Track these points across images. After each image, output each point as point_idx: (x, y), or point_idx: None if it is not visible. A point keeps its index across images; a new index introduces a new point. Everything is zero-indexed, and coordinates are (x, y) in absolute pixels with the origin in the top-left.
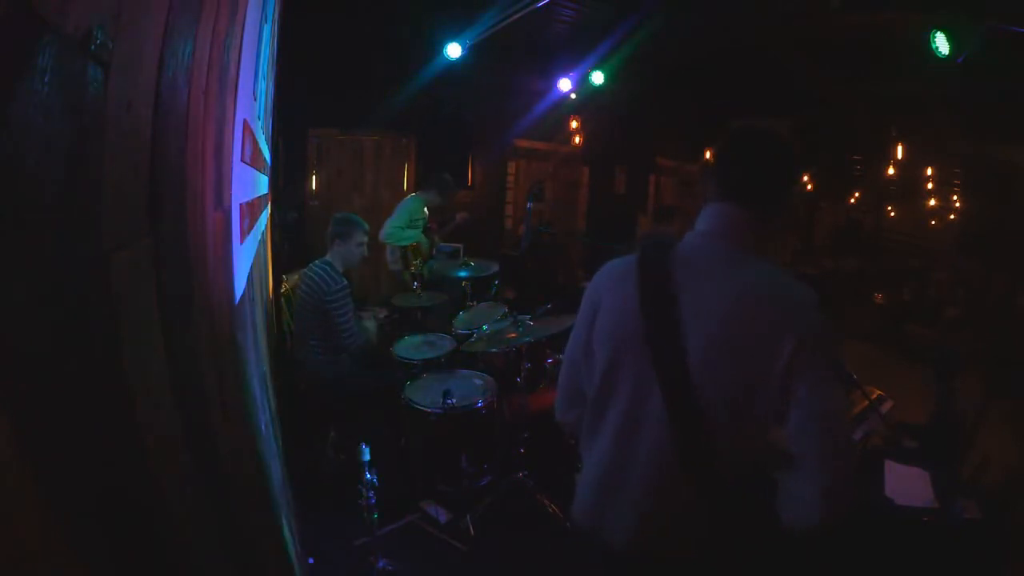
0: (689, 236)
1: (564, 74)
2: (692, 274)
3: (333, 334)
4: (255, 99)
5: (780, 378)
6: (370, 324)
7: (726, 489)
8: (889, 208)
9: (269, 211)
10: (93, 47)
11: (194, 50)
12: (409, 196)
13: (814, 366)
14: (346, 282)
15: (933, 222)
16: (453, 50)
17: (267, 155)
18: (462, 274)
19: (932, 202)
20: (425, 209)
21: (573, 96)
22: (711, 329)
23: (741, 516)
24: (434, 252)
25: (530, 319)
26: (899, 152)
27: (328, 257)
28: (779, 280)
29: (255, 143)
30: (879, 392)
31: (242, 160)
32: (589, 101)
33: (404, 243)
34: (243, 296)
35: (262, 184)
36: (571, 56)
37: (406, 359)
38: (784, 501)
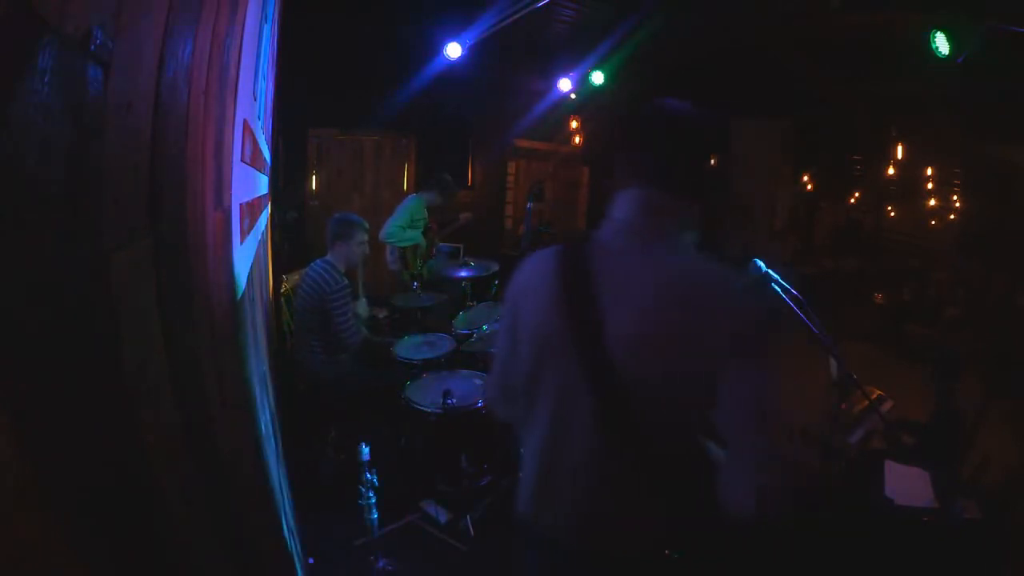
0: (606, 224)
1: (564, 74)
2: (612, 266)
3: (333, 333)
4: (255, 99)
5: (712, 372)
6: (361, 308)
7: (663, 485)
8: (889, 208)
9: (269, 211)
10: (93, 47)
11: (194, 50)
12: (410, 196)
13: (747, 359)
14: (347, 282)
15: (933, 222)
16: (453, 50)
17: (267, 155)
18: (462, 274)
19: (932, 202)
20: (426, 209)
21: (573, 96)
22: (635, 323)
23: (683, 512)
24: (434, 252)
25: None
26: (899, 152)
27: (329, 257)
28: (708, 268)
29: (255, 143)
30: (879, 392)
31: (242, 160)
32: (589, 101)
33: (404, 244)
34: (243, 296)
35: (262, 184)
36: (571, 56)
37: (406, 359)
38: (720, 487)
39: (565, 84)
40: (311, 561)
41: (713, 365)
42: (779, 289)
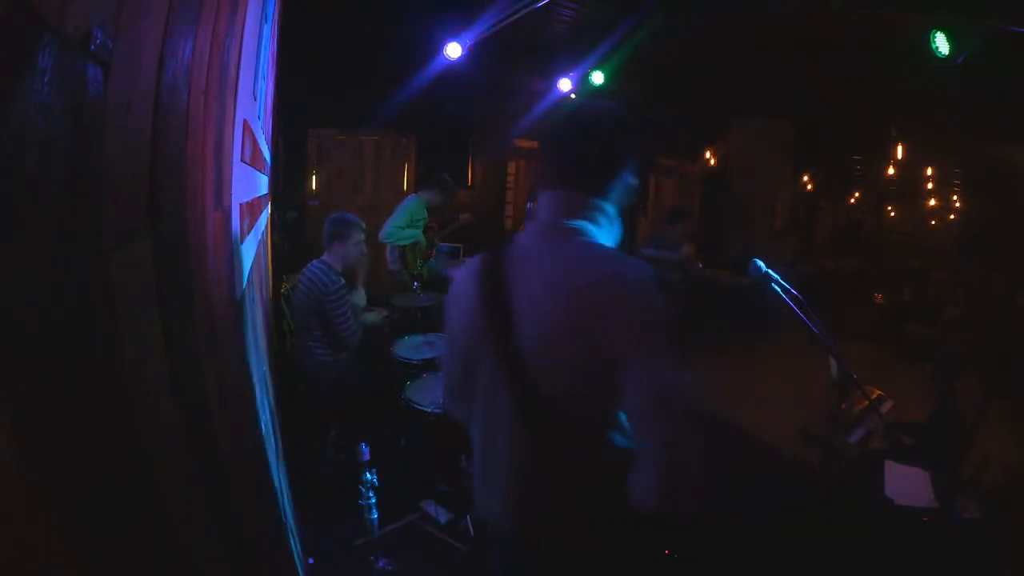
0: (528, 226)
1: (564, 74)
2: (524, 266)
3: (333, 333)
4: (255, 99)
5: (616, 362)
6: (359, 299)
7: (585, 482)
8: (889, 208)
9: (269, 211)
10: (93, 47)
11: (194, 50)
12: (409, 196)
13: (650, 347)
14: (344, 282)
15: (933, 222)
16: (453, 50)
17: (267, 155)
18: None
19: (932, 202)
20: (426, 209)
21: (573, 96)
22: (541, 319)
23: (610, 510)
24: (434, 252)
25: None
26: (899, 152)
27: (325, 257)
28: (611, 261)
29: (255, 143)
30: (879, 392)
31: (242, 160)
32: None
33: (403, 242)
34: (243, 295)
35: (262, 184)
36: (571, 56)
37: (406, 359)
38: (630, 479)
39: (565, 84)
40: (311, 561)
41: (615, 355)
42: (779, 289)
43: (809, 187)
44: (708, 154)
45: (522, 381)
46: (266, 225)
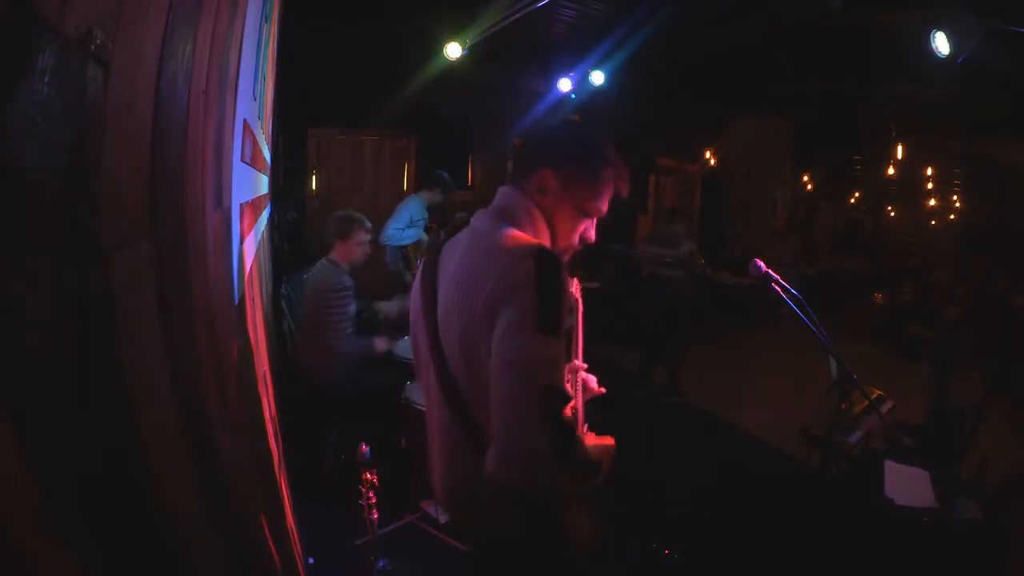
0: (472, 219)
1: (564, 74)
2: (452, 251)
3: (323, 333)
4: (255, 99)
5: (483, 331)
6: (382, 305)
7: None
8: (889, 208)
9: (269, 211)
10: (93, 47)
11: (194, 50)
12: (409, 197)
13: (506, 313)
14: (350, 282)
15: (933, 222)
16: (453, 50)
17: (267, 155)
18: None
19: (932, 202)
20: (425, 209)
21: (573, 96)
22: (444, 297)
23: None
24: None
25: None
26: (899, 152)
27: (332, 255)
28: (503, 238)
29: (255, 143)
30: (879, 392)
31: (242, 160)
32: (589, 101)
33: (404, 243)
34: (243, 296)
35: (262, 184)
36: (571, 56)
37: (406, 359)
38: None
39: (565, 84)
40: (311, 561)
41: (487, 320)
42: (779, 289)
43: (809, 187)
44: (708, 154)
45: (438, 352)
46: (266, 225)
